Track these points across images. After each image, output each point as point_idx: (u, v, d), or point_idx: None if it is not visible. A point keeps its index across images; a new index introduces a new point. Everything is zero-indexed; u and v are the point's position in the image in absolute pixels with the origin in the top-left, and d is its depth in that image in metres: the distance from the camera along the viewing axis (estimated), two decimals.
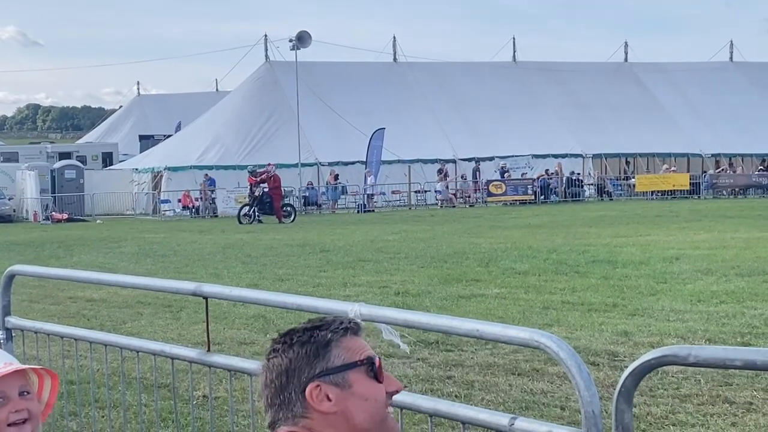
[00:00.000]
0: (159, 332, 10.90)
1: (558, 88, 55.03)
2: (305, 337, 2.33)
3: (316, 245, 22.45)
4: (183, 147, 48.00)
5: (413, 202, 45.65)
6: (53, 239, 27.54)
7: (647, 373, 2.71)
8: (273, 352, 2.33)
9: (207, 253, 21.47)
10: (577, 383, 2.80)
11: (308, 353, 2.30)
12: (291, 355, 2.29)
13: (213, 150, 46.61)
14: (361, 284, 15.05)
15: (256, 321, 11.62)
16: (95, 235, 29.85)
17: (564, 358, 2.83)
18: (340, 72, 53.03)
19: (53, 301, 13.82)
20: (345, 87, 51.30)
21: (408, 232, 26.66)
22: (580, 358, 2.86)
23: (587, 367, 2.87)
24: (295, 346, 2.30)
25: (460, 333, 3.24)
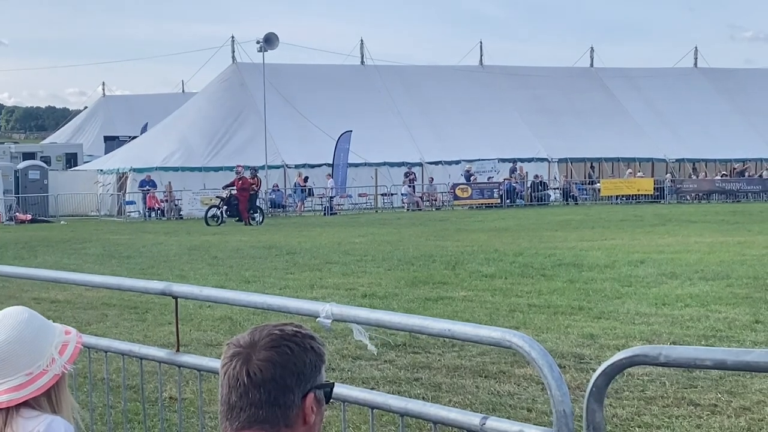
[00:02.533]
0: (125, 333, 10.82)
1: (524, 92, 55.31)
2: (316, 345, 2.30)
3: (282, 247, 22.40)
4: (148, 148, 47.69)
5: (380, 205, 45.69)
6: (17, 240, 27.27)
7: (618, 373, 2.73)
8: (285, 351, 2.25)
9: (173, 255, 21.36)
10: (549, 383, 2.81)
11: (316, 362, 2.28)
12: (306, 360, 2.25)
13: (179, 151, 46.36)
14: (328, 286, 15.03)
15: (223, 323, 11.58)
16: (59, 236, 29.57)
17: (536, 358, 2.85)
18: (307, 74, 52.95)
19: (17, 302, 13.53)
20: (312, 89, 51.22)
21: (375, 235, 26.66)
22: (552, 358, 2.87)
23: None
24: (310, 353, 2.27)
25: (432, 333, 3.25)
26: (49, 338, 2.73)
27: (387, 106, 51.78)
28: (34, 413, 2.65)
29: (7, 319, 2.69)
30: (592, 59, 60.48)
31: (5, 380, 2.63)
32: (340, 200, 44.92)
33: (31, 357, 2.66)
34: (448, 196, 45.87)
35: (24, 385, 2.64)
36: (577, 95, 55.77)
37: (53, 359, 2.70)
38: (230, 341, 2.30)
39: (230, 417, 2.22)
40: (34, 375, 2.65)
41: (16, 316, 2.71)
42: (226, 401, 2.23)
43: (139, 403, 6.65)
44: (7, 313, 2.72)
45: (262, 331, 2.28)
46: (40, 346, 2.69)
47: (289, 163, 45.97)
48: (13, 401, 2.63)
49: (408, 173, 46.76)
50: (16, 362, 2.64)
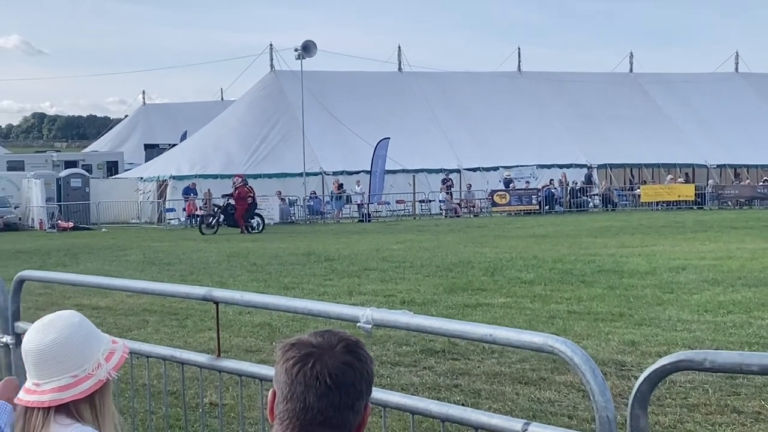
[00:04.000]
0: (165, 339, 10.89)
1: (563, 98, 55.06)
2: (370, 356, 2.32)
3: (321, 254, 22.43)
4: (188, 156, 48.03)
5: (418, 212, 45.65)
6: (59, 247, 27.55)
7: (662, 378, 2.70)
8: (360, 357, 2.26)
9: (212, 262, 21.47)
10: (592, 388, 2.79)
11: (373, 373, 2.31)
12: (372, 368, 2.29)
13: (218, 159, 46.62)
14: (366, 293, 15.03)
15: (263, 329, 11.62)
16: (101, 243, 29.87)
17: (578, 364, 2.82)
18: (345, 81, 53.07)
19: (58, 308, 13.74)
20: (350, 96, 51.34)
21: (413, 242, 26.64)
22: (595, 364, 2.85)
23: None
24: (370, 363, 2.29)
25: (473, 338, 3.23)
26: (96, 344, 2.76)
27: (425, 112, 51.76)
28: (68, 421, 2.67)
29: (58, 321, 2.73)
30: (632, 64, 60.12)
31: (50, 380, 2.66)
32: (378, 207, 44.95)
33: (78, 360, 2.68)
34: (486, 202, 45.74)
35: (69, 386, 2.67)
36: (616, 101, 55.41)
37: (99, 364, 2.72)
38: (293, 341, 2.29)
39: (303, 417, 2.20)
40: (79, 378, 2.67)
41: (67, 318, 2.75)
42: (300, 399, 2.20)
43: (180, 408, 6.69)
44: (59, 315, 2.76)
45: (332, 335, 2.28)
46: (87, 350, 2.72)
47: (327, 170, 46.06)
48: (56, 401, 2.65)
49: (446, 180, 46.70)
50: (63, 363, 2.67)
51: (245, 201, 35.12)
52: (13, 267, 18.88)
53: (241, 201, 35.01)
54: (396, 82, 54.63)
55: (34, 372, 2.67)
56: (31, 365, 2.68)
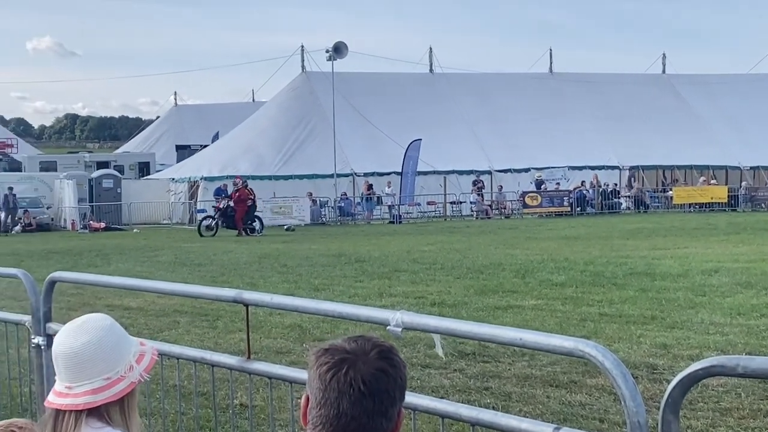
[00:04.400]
0: (196, 340, 10.95)
1: (595, 99, 54.76)
2: (404, 362, 2.31)
3: (351, 255, 22.46)
4: (219, 157, 48.24)
5: (449, 213, 45.58)
6: (91, 248, 27.77)
7: (694, 384, 2.67)
8: (394, 363, 2.26)
9: (243, 263, 21.56)
10: (623, 393, 2.77)
11: (406, 380, 2.30)
12: (406, 374, 2.28)
13: (249, 160, 46.78)
14: (397, 294, 15.03)
15: (293, 330, 11.64)
16: (132, 244, 30.07)
17: (609, 368, 2.81)
18: (376, 83, 53.09)
19: (91, 309, 13.81)
20: (381, 98, 51.35)
21: (444, 243, 26.61)
22: (626, 368, 2.83)
23: None
24: (404, 369, 2.29)
25: (503, 342, 3.22)
26: (127, 347, 2.78)
27: (456, 114, 51.67)
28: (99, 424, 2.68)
29: (90, 323, 2.75)
30: (664, 65, 59.72)
31: (83, 383, 2.67)
32: (409, 208, 44.93)
33: (111, 362, 2.70)
34: (517, 204, 45.60)
35: (102, 389, 2.68)
36: (648, 102, 55.03)
37: (131, 366, 2.74)
38: (326, 346, 2.28)
39: (336, 423, 2.20)
40: (112, 380, 2.69)
41: (99, 321, 2.77)
42: (334, 406, 2.19)
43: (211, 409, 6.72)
44: (90, 318, 2.78)
45: (366, 341, 2.28)
46: (119, 352, 2.73)
47: (358, 171, 46.10)
48: (90, 404, 2.66)
49: (477, 181, 46.59)
50: (96, 365, 2.68)
51: (245, 203, 34.92)
52: (45, 267, 19.06)
53: (241, 203, 34.82)
54: (427, 84, 54.57)
55: (65, 375, 2.69)
56: (63, 368, 2.69)
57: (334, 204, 43.75)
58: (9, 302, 13.44)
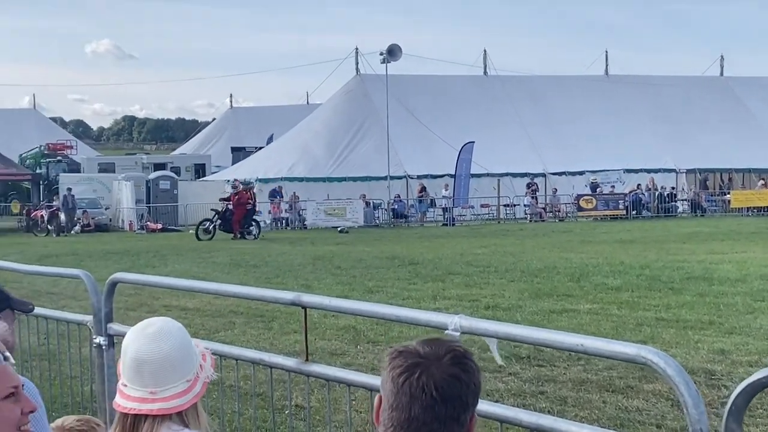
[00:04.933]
0: (252, 341, 11.04)
1: (651, 101, 54.20)
2: (478, 366, 2.28)
3: (404, 258, 22.46)
4: (274, 159, 48.54)
5: (502, 216, 45.40)
6: (148, 248, 28.08)
7: (759, 392, 2.64)
8: (468, 368, 2.23)
9: (297, 264, 21.67)
10: (686, 401, 2.75)
11: (480, 384, 2.27)
12: (479, 380, 2.26)
13: (303, 162, 47.02)
14: (450, 297, 15.02)
15: (347, 332, 11.69)
16: (188, 245, 30.37)
17: (672, 375, 2.78)
18: (430, 85, 53.07)
19: (148, 310, 14.06)
20: (435, 100, 51.31)
21: (497, 246, 26.51)
22: (688, 376, 2.80)
23: None
24: (477, 374, 2.26)
25: (563, 347, 3.21)
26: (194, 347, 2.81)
27: (510, 116, 51.46)
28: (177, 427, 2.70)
29: (168, 327, 2.76)
30: (722, 68, 58.93)
31: (169, 386, 2.69)
32: (462, 211, 44.85)
33: (189, 364, 2.73)
34: (571, 206, 45.29)
35: (186, 391, 2.71)
36: (706, 104, 54.33)
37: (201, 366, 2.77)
38: (400, 348, 2.27)
39: (407, 427, 2.18)
40: (191, 381, 2.72)
41: (173, 323, 2.80)
42: (406, 410, 2.17)
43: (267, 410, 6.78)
44: (164, 321, 2.79)
45: (440, 345, 2.26)
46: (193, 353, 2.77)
47: (411, 173, 46.12)
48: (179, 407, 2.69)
49: (530, 184, 46.37)
50: (180, 368, 2.71)
51: (244, 207, 34.27)
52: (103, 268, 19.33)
53: (240, 206, 34.14)
54: (481, 86, 54.42)
55: (150, 380, 2.68)
56: (148, 374, 2.68)
57: (387, 206, 43.80)
58: (69, 302, 13.66)
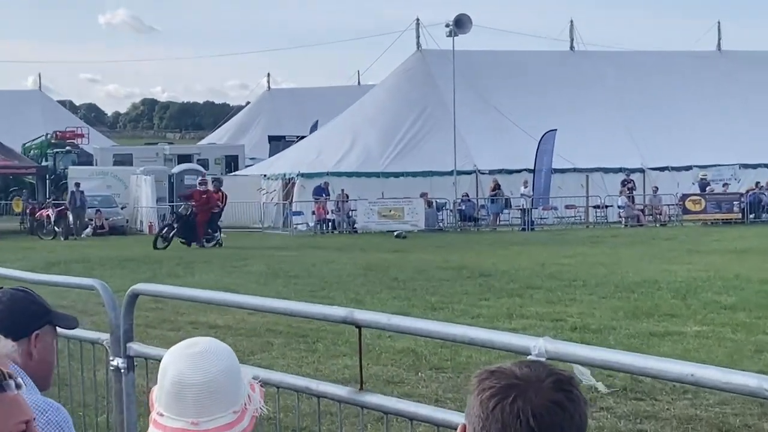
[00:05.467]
0: (293, 366, 11.09)
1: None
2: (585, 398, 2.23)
3: (474, 268, 22.44)
4: (319, 150, 48.73)
5: (591, 220, 45.13)
6: (171, 255, 28.35)
7: None
8: (573, 397, 2.18)
9: (346, 275, 21.74)
10: None
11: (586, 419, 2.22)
12: (584, 413, 2.20)
13: (353, 154, 47.15)
14: (529, 316, 15.00)
15: (406, 356, 11.70)
16: (218, 251, 30.64)
17: None
18: (505, 63, 52.95)
19: (172, 327, 14.22)
20: (511, 81, 51.17)
21: (586, 255, 26.38)
22: None
23: None
24: (584, 405, 2.21)
25: (668, 377, 3.19)
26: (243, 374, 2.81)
27: (601, 100, 51.14)
28: None
29: (214, 348, 2.75)
30: None
31: (215, 417, 2.69)
32: (543, 212, 44.65)
33: (237, 392, 2.74)
34: (676, 208, 44.88)
35: (233, 424, 2.71)
36: None
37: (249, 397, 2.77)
38: (492, 368, 2.24)
39: None
40: (239, 414, 2.73)
41: (220, 344, 2.80)
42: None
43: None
44: (211, 341, 2.80)
45: (540, 366, 2.23)
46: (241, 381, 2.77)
47: (482, 168, 46.01)
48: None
49: (626, 181, 46.01)
50: (228, 396, 2.71)
51: (211, 210, 33.25)
52: (119, 277, 19.57)
53: (206, 209, 33.02)
54: (567, 64, 54.20)
55: (193, 409, 2.68)
56: (192, 402, 2.68)
57: (453, 206, 43.75)
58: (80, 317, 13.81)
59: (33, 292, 3.75)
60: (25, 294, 3.74)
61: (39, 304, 3.71)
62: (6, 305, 3.64)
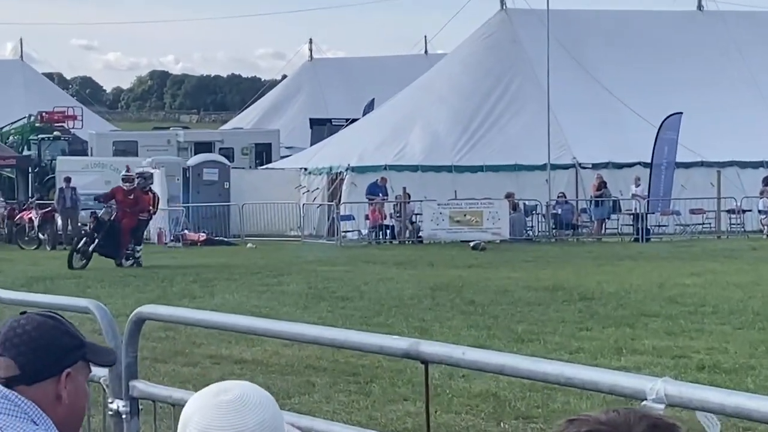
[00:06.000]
0: (340, 412, 11.10)
1: None
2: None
3: (572, 290, 22.36)
4: (374, 137, 48.73)
5: (723, 228, 44.80)
6: (185, 270, 28.48)
7: None
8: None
9: (408, 297, 21.73)
10: None
11: None
12: None
13: (419, 143, 47.11)
14: (643, 351, 14.92)
15: (484, 401, 11.67)
16: (245, 264, 30.70)
17: None
18: (612, 26, 52.77)
19: (186, 361, 14.29)
20: (620, 49, 50.94)
21: (717, 274, 26.19)
22: None
23: None
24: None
25: None
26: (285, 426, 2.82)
27: (738, 73, 50.79)
28: None
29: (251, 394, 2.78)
30: None
31: None
32: (661, 218, 44.38)
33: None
34: None
35: None
36: None
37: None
38: (574, 416, 2.28)
39: None
40: None
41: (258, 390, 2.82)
42: None
43: None
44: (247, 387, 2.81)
45: (633, 413, 2.24)
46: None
47: (584, 161, 45.83)
48: None
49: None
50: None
51: (137, 216, 30.70)
52: (120, 297, 19.75)
53: (132, 214, 30.47)
54: (692, 27, 53.90)
55: None
56: None
57: (546, 210, 43.62)
58: None
59: (64, 320, 3.71)
60: (56, 322, 3.67)
61: (72, 335, 3.65)
62: (31, 336, 3.58)
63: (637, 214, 43.61)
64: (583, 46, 50.28)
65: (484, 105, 48.65)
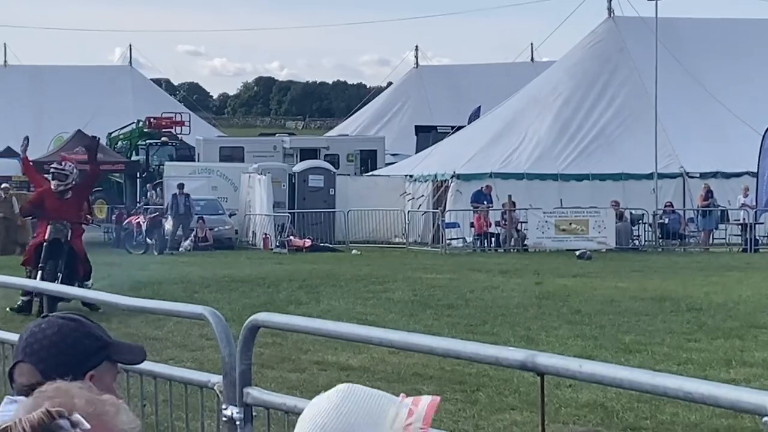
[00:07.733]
0: (447, 420, 11.09)
1: None
2: None
3: (680, 300, 22.19)
4: (480, 144, 48.65)
5: None
6: (291, 276, 28.57)
7: None
8: None
9: (514, 306, 21.69)
10: None
11: None
12: None
13: (525, 151, 46.98)
14: (755, 364, 14.81)
15: (592, 412, 11.63)
16: (351, 271, 30.73)
17: None
18: (723, 34, 52.23)
19: (293, 367, 14.38)
20: (728, 58, 50.45)
21: None
22: None
23: None
24: None
25: None
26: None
27: None
28: None
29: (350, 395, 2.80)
30: None
31: None
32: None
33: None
34: None
35: None
36: None
37: None
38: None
39: None
40: None
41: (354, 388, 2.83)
42: None
43: None
44: None
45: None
46: None
47: (692, 170, 45.39)
48: None
49: None
50: None
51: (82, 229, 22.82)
52: (227, 303, 19.88)
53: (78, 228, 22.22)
54: None
55: None
56: None
57: (653, 219, 43.26)
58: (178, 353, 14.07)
59: (86, 321, 3.73)
60: (77, 324, 3.72)
61: (95, 337, 3.69)
62: (51, 341, 3.62)
63: (745, 224, 43.10)
64: (691, 54, 49.85)
65: (591, 113, 48.44)
